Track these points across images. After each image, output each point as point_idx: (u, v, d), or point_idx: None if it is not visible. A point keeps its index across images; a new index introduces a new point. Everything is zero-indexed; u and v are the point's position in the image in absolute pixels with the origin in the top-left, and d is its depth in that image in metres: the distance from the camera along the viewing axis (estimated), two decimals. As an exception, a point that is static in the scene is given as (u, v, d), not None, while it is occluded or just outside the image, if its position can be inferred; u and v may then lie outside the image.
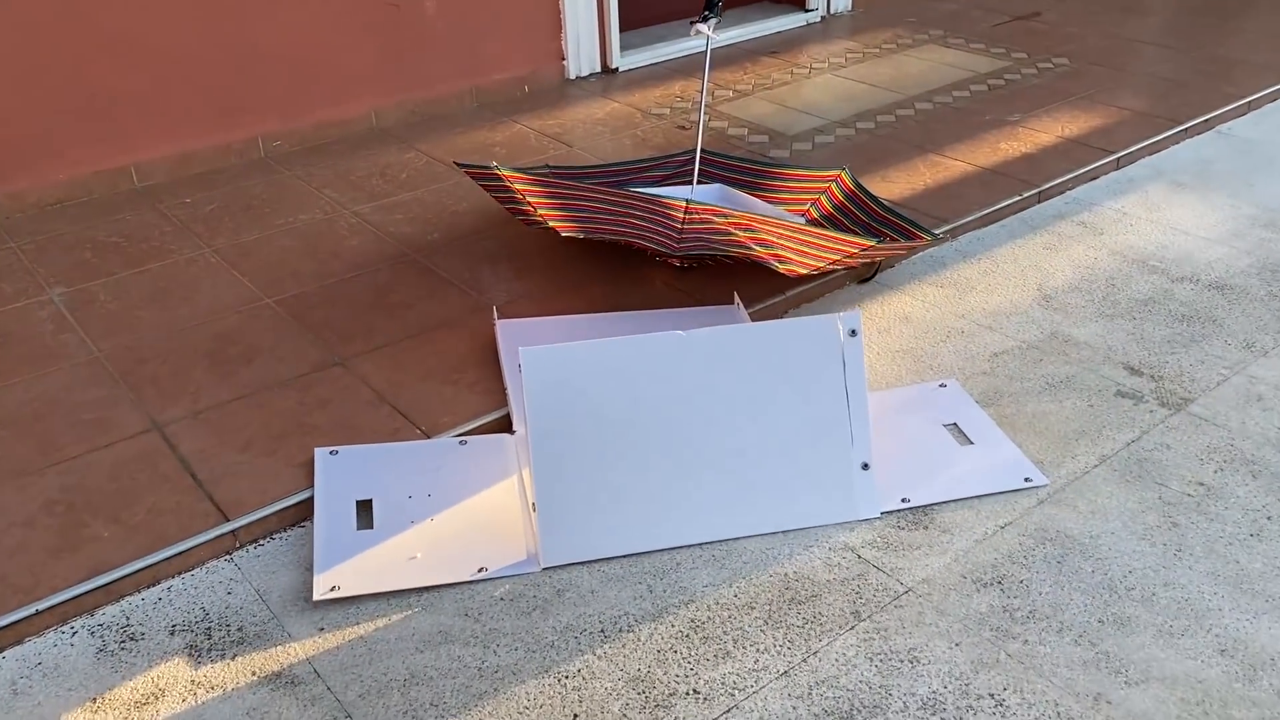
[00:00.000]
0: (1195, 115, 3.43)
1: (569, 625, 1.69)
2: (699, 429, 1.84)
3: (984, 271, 2.64)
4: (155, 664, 1.65)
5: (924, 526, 1.86)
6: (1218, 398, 2.16)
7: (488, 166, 2.48)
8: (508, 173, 2.43)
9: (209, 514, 1.89)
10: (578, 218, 2.34)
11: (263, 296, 2.58)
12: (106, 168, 3.15)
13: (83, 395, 2.22)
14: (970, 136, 3.29)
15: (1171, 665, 1.58)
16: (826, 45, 4.21)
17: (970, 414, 2.11)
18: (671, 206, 2.20)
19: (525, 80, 3.81)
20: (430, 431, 2.08)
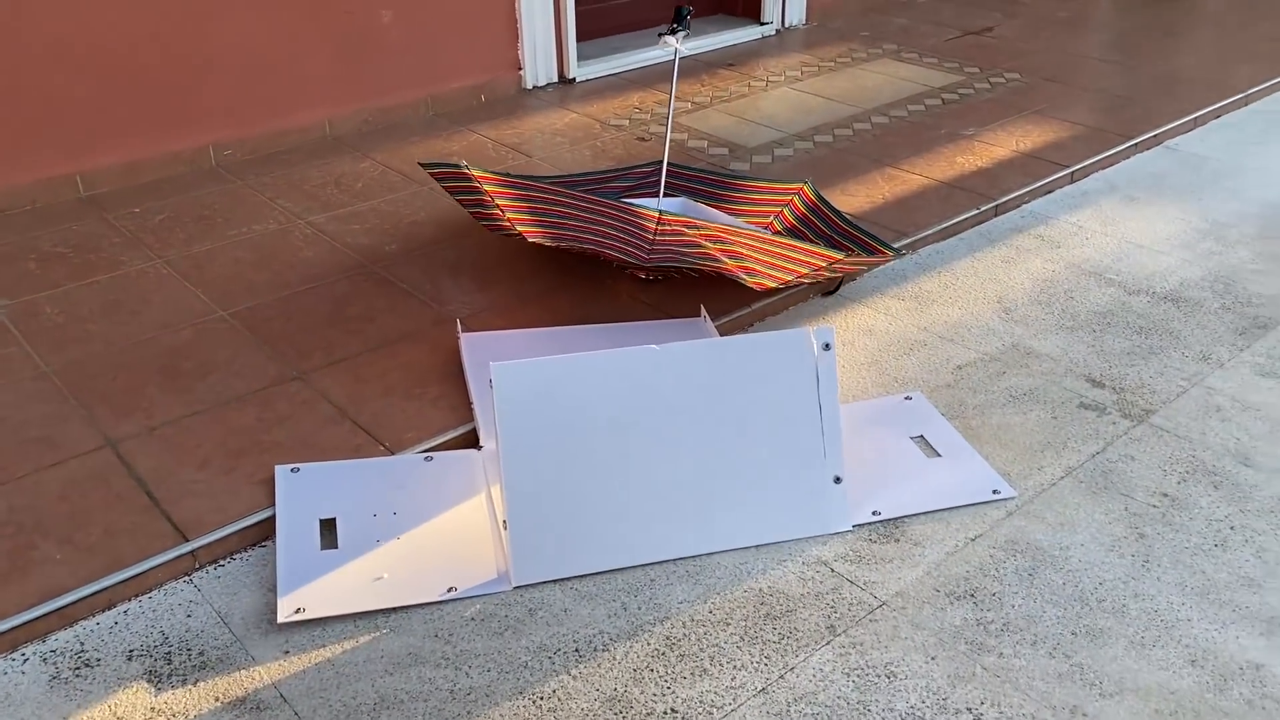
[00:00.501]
0: (1145, 130, 3.49)
1: (542, 645, 1.66)
2: (671, 444, 1.82)
3: (944, 284, 2.66)
4: (112, 691, 1.59)
5: (895, 539, 1.86)
6: (1178, 409, 2.19)
7: (456, 166, 2.44)
8: (479, 173, 2.39)
9: (166, 534, 1.83)
10: (547, 223, 2.31)
11: (217, 309, 2.52)
12: (50, 175, 3.06)
13: (30, 412, 2.14)
14: (927, 150, 3.32)
15: (1144, 677, 1.59)
16: (782, 58, 4.23)
17: (936, 426, 2.12)
18: (644, 216, 2.18)
19: (482, 89, 3.78)
20: (394, 448, 2.04)
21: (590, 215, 2.28)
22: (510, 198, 2.35)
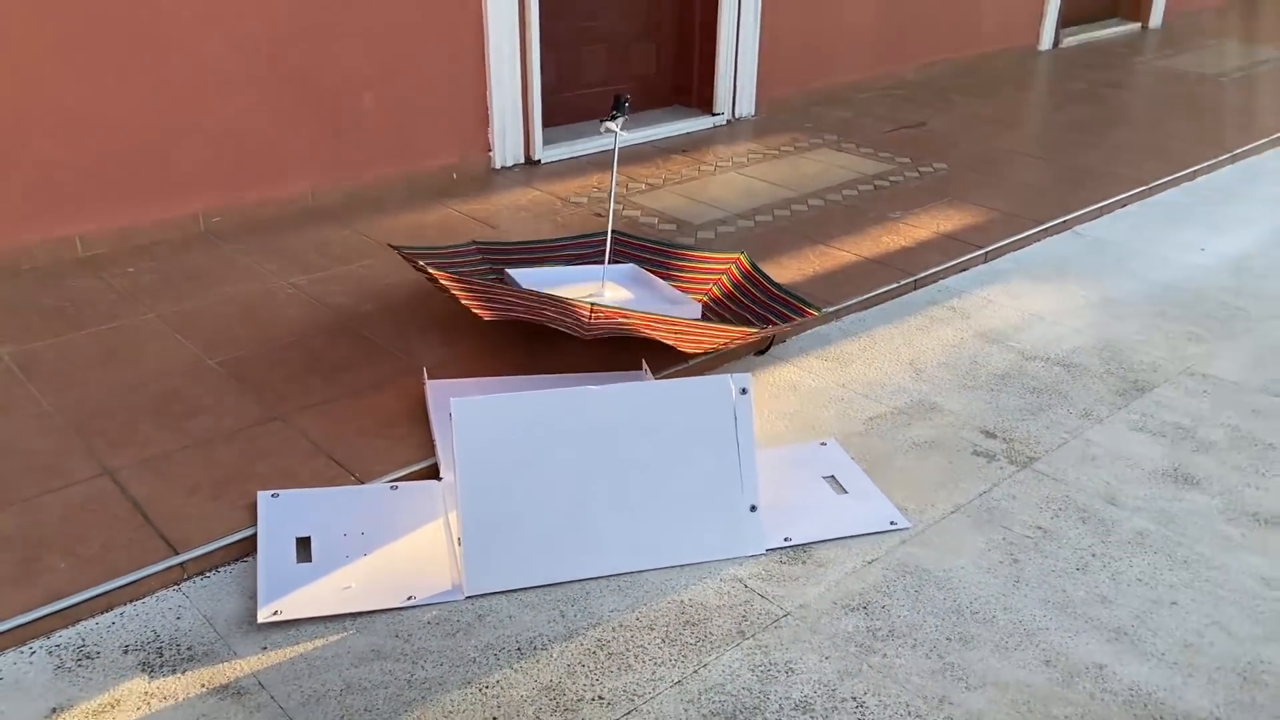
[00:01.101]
0: (1055, 217, 3.86)
1: (489, 644, 1.91)
2: (608, 473, 2.09)
3: (863, 348, 2.97)
4: (111, 678, 1.81)
5: (802, 561, 2.13)
6: (1058, 457, 2.49)
7: (416, 262, 2.74)
8: (434, 271, 2.66)
9: (159, 549, 2.07)
10: (493, 307, 2.58)
11: (205, 359, 2.77)
12: (51, 236, 3.32)
13: (35, 444, 2.38)
14: (856, 230, 3.66)
15: (1005, 674, 1.86)
16: (731, 146, 4.60)
17: (846, 468, 2.40)
18: (578, 308, 2.45)
19: (454, 168, 4.10)
20: (364, 478, 2.29)
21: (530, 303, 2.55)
22: (459, 288, 2.62)
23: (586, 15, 4.49)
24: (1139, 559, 2.15)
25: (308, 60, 3.63)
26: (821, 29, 5.22)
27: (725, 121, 4.91)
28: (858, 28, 5.38)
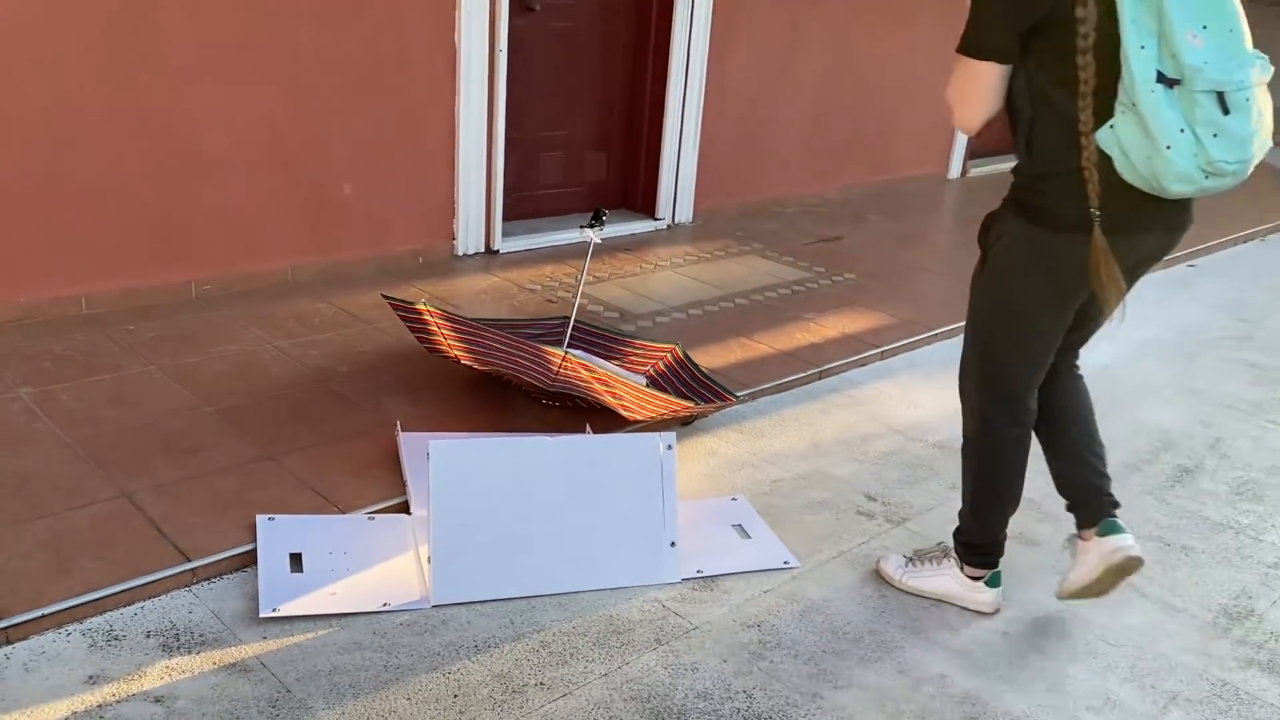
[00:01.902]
0: (946, 324, 4.44)
1: (451, 642, 2.32)
2: (555, 508, 2.54)
3: (772, 424, 3.48)
4: (136, 655, 2.20)
5: (710, 589, 2.59)
6: (926, 519, 3.00)
7: (412, 302, 3.21)
8: (426, 307, 3.15)
9: (173, 556, 2.46)
10: (475, 352, 3.07)
11: (203, 406, 3.18)
12: (60, 295, 3.72)
13: (59, 470, 2.76)
14: (774, 327, 4.20)
15: (866, 679, 2.32)
16: (670, 248, 5.17)
17: (751, 519, 2.88)
18: (551, 356, 2.95)
19: (420, 253, 4.59)
20: (345, 509, 2.71)
21: (509, 350, 3.05)
22: (449, 329, 3.10)
23: (546, 125, 5.06)
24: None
25: (297, 152, 4.12)
26: (754, 149, 5.86)
27: (666, 226, 5.49)
28: (787, 150, 6.04)
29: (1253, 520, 3.16)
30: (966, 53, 2.07)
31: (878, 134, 6.54)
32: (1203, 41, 1.86)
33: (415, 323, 3.31)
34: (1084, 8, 1.94)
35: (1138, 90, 1.88)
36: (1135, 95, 1.89)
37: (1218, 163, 1.90)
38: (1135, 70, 1.88)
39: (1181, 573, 2.85)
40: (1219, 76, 1.86)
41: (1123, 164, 1.98)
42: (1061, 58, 1.99)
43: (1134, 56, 1.88)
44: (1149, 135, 1.90)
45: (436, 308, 3.21)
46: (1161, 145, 1.89)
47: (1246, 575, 2.86)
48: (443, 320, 3.13)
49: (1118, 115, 1.95)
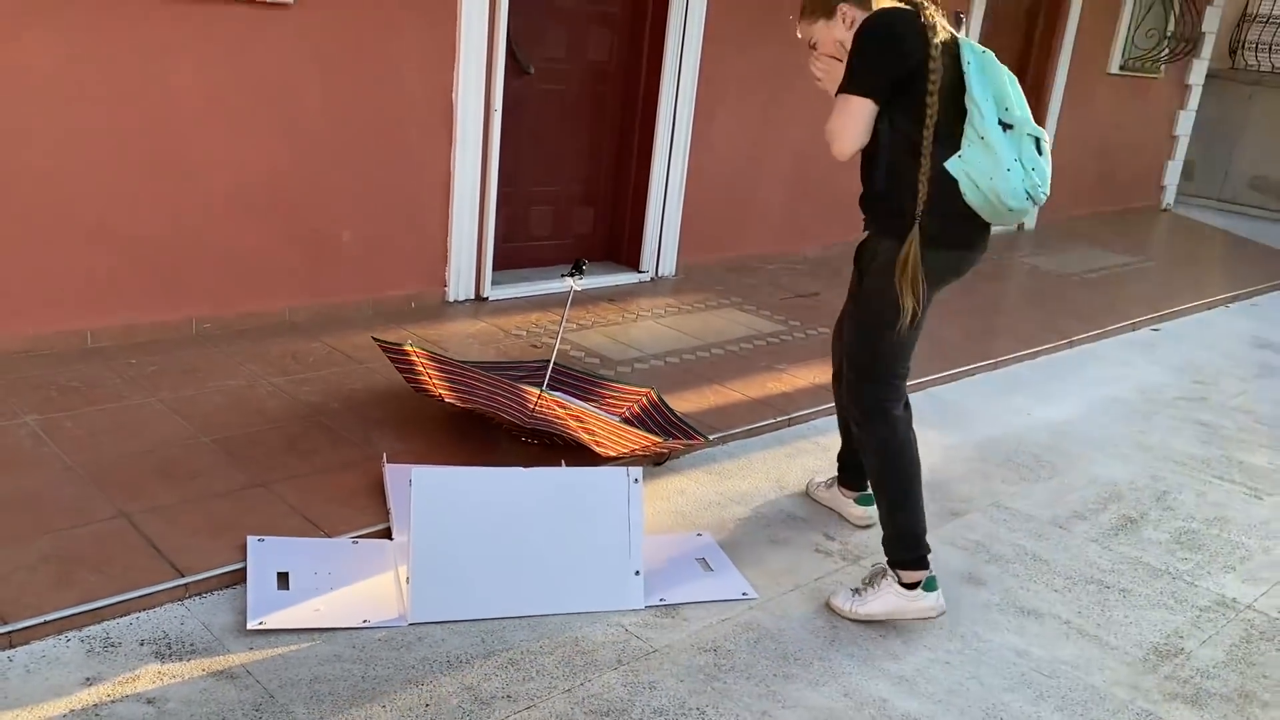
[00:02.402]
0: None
1: (425, 657, 2.48)
2: (528, 535, 2.72)
3: (741, 467, 3.66)
4: (131, 660, 2.35)
5: (671, 616, 2.75)
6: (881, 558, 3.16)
7: (400, 344, 3.41)
8: (412, 348, 3.34)
9: (167, 572, 2.62)
10: (458, 390, 3.26)
11: (200, 435, 3.36)
12: (65, 329, 3.91)
13: (63, 491, 2.93)
14: (747, 376, 4.39)
15: (813, 700, 2.48)
16: (653, 299, 5.38)
17: (715, 554, 3.06)
18: (527, 394, 3.15)
19: (413, 298, 4.80)
20: (330, 534, 2.88)
21: (489, 389, 3.25)
22: (434, 369, 3.30)
23: (537, 180, 5.31)
24: (927, 632, 2.82)
25: (299, 199, 4.34)
26: (736, 207, 6.11)
27: (649, 279, 5.71)
28: (768, 209, 6.28)
29: (1190, 567, 3.34)
30: (850, 92, 2.60)
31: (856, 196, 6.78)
32: (1017, 104, 2.58)
33: (402, 363, 3.51)
34: (934, 61, 2.56)
35: (987, 128, 2.53)
36: (984, 131, 2.53)
37: (1037, 189, 2.56)
38: (985, 114, 2.54)
39: (1118, 613, 3.02)
40: (1034, 129, 2.58)
41: (967, 187, 2.57)
42: (915, 100, 2.58)
43: (983, 103, 2.54)
44: (995, 159, 2.52)
45: (422, 349, 3.40)
46: (1003, 168, 2.52)
47: (1179, 617, 3.04)
48: (428, 360, 3.33)
49: (965, 147, 2.56)
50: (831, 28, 2.74)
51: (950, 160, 2.56)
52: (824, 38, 2.77)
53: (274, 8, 4.05)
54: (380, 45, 4.38)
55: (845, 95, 2.62)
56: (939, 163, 2.58)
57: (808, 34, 2.81)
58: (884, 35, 2.61)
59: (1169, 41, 8.78)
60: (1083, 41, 8.04)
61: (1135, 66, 8.73)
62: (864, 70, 2.60)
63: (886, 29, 2.62)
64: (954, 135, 2.56)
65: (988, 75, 2.58)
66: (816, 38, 2.79)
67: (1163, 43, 8.74)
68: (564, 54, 5.23)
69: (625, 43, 5.44)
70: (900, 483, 2.86)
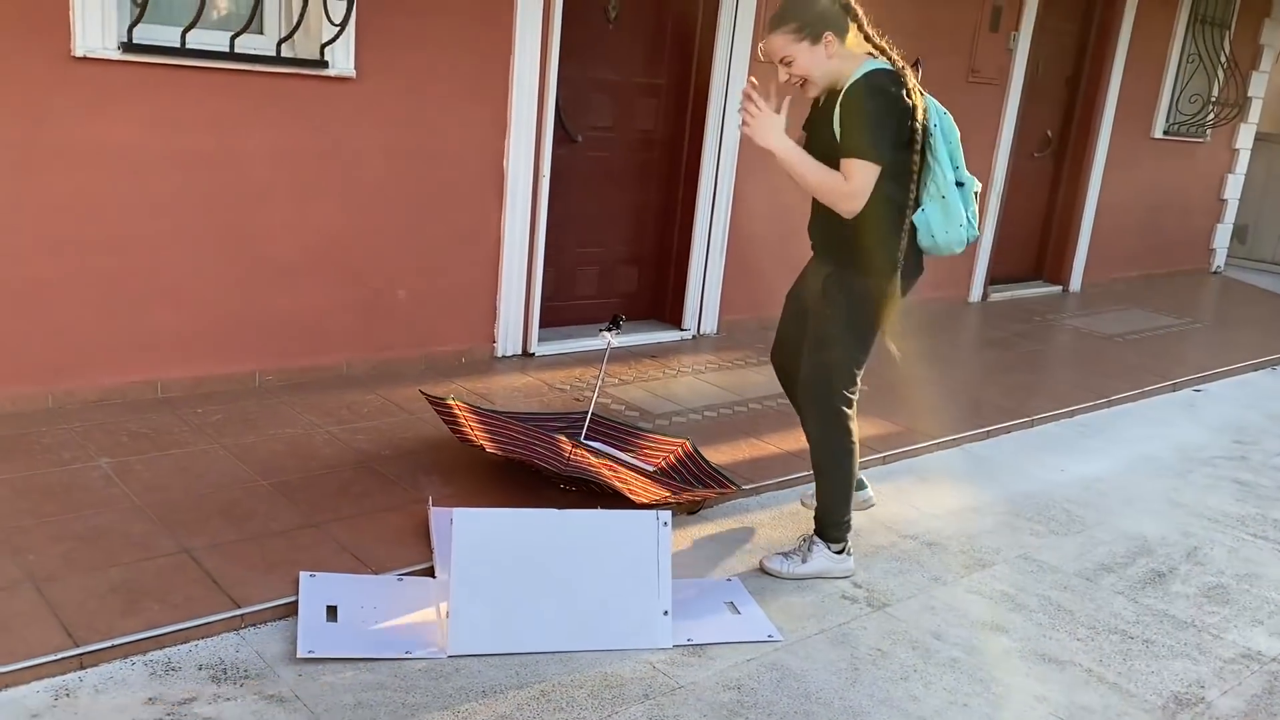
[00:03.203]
0: (947, 435, 4.74)
1: (462, 687, 2.63)
2: (562, 574, 2.86)
3: (773, 517, 3.78)
4: (190, 683, 2.53)
5: (699, 655, 2.87)
6: (905, 606, 3.26)
7: (444, 398, 3.61)
8: (455, 402, 3.54)
9: (225, 603, 2.81)
10: (498, 440, 3.44)
11: (259, 479, 3.57)
12: (139, 380, 4.17)
13: (131, 528, 3.15)
14: (783, 430, 4.52)
15: (831, 736, 2.58)
16: (695, 356, 5.55)
17: (743, 597, 3.17)
18: (562, 444, 3.32)
19: (463, 354, 5.01)
20: (378, 571, 3.05)
21: (527, 439, 3.42)
22: (475, 421, 3.49)
23: (583, 242, 5.53)
24: (948, 676, 2.90)
25: (358, 260, 4.59)
26: (777, 267, 6.26)
27: (691, 336, 5.88)
28: (810, 270, 6.43)
29: (1217, 620, 3.37)
30: (865, 158, 2.90)
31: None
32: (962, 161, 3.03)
33: (447, 415, 3.70)
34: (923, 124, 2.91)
35: (947, 187, 2.95)
36: (945, 190, 2.95)
37: (972, 234, 3.07)
38: (947, 176, 2.96)
39: (1140, 662, 3.07)
40: (973, 182, 3.05)
41: (924, 235, 3.04)
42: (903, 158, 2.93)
43: (945, 163, 2.94)
44: (950, 216, 2.99)
45: (465, 403, 3.59)
46: (956, 224, 3.00)
47: (1203, 668, 3.08)
48: (469, 413, 3.51)
49: (927, 203, 2.99)
50: (814, 53, 2.95)
51: (916, 214, 3.00)
52: (803, 60, 2.96)
53: (339, 81, 4.34)
54: (437, 116, 4.66)
55: (864, 162, 2.89)
56: (903, 211, 2.97)
57: (786, 50, 2.96)
58: (891, 102, 2.86)
59: (1213, 107, 8.85)
60: (1124, 107, 8.15)
61: (1180, 131, 8.80)
62: (879, 135, 2.88)
63: (893, 98, 2.87)
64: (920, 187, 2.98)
65: (949, 136, 2.97)
66: (796, 57, 2.95)
67: (1207, 107, 8.81)
68: (611, 122, 5.48)
69: (670, 112, 5.68)
70: (847, 475, 3.29)
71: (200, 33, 3.95)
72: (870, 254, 3.04)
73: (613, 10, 5.31)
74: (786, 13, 2.98)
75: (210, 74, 4.03)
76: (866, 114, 2.84)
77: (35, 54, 3.68)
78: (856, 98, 2.87)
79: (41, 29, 3.67)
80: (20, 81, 3.67)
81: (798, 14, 2.95)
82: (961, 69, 6.91)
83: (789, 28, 2.96)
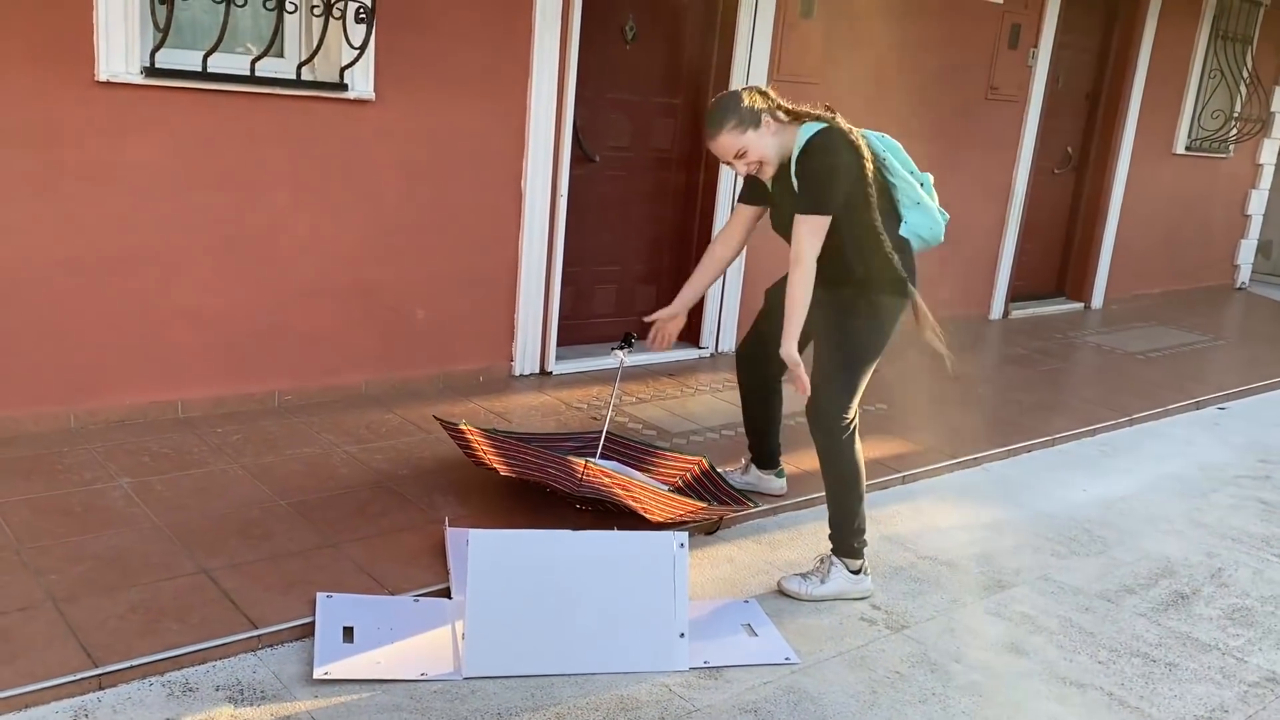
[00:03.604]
0: (968, 454, 4.71)
1: (477, 709, 2.62)
2: (578, 596, 2.86)
3: (790, 537, 3.76)
4: (206, 704, 2.54)
5: (715, 678, 2.85)
6: (924, 628, 3.23)
7: (456, 424, 3.62)
8: (467, 427, 3.55)
9: (243, 623, 2.82)
10: (510, 464, 3.44)
11: (277, 500, 3.58)
12: (159, 400, 4.20)
13: (150, 547, 3.17)
14: (801, 449, 4.47)
15: (848, 761, 2.56)
16: (712, 374, 5.54)
17: (760, 619, 3.16)
18: (574, 465, 3.31)
19: (481, 372, 5.03)
20: (394, 592, 3.06)
21: (540, 461, 3.42)
22: (487, 445, 3.49)
23: (600, 260, 5.54)
24: (967, 699, 2.87)
25: (377, 280, 4.62)
26: (797, 287, 6.26)
27: (709, 354, 5.87)
28: (828, 288, 6.42)
29: (1241, 644, 3.33)
30: (820, 213, 3.11)
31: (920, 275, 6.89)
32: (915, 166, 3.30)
33: (460, 439, 3.71)
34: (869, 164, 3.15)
35: (920, 195, 3.25)
36: (919, 198, 3.25)
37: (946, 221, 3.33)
38: (912, 185, 3.25)
39: (1163, 686, 3.04)
40: (927, 179, 3.33)
41: (916, 241, 3.29)
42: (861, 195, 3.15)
43: (905, 179, 3.24)
44: (930, 217, 3.28)
45: (477, 427, 3.61)
46: (935, 217, 3.30)
47: (1226, 692, 3.04)
48: (481, 438, 3.52)
49: (906, 215, 3.26)
50: (760, 136, 3.15)
51: (901, 228, 3.25)
52: (755, 145, 3.16)
53: (358, 104, 4.37)
54: (455, 136, 4.69)
55: (814, 216, 3.11)
56: (895, 233, 3.22)
57: (735, 145, 3.16)
58: (835, 162, 3.10)
59: (1236, 122, 8.79)
60: (1146, 123, 8.11)
61: (1202, 147, 8.75)
62: (828, 194, 3.11)
63: (835, 156, 3.11)
64: (891, 209, 3.23)
65: (898, 156, 3.27)
66: (747, 147, 3.16)
67: (1229, 123, 8.75)
68: (628, 142, 5.50)
69: (687, 132, 5.69)
70: (857, 491, 3.36)
71: (221, 57, 3.99)
72: (862, 275, 3.23)
73: (630, 31, 5.34)
74: (720, 114, 3.16)
75: (231, 97, 4.07)
76: (812, 176, 3.11)
77: (60, 78, 3.73)
78: (804, 162, 3.12)
79: (66, 54, 3.72)
80: (45, 105, 3.73)
81: (730, 111, 3.15)
82: (981, 86, 6.90)
83: (730, 125, 3.15)
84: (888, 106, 5.89)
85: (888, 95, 6.07)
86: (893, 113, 5.71)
